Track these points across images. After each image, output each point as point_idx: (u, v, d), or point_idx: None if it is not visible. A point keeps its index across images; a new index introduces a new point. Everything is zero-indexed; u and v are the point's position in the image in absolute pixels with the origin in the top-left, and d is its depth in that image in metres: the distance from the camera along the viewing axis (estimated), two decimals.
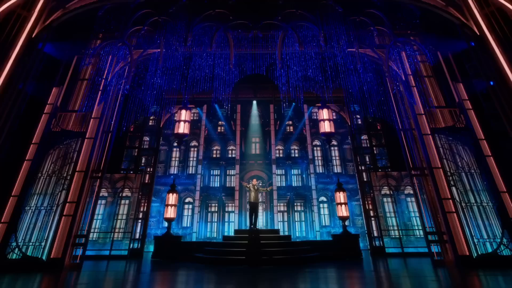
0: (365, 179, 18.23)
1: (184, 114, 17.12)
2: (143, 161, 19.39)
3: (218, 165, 21.73)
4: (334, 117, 17.88)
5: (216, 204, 20.82)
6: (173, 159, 22.13)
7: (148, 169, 18.51)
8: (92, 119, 15.05)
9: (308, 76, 15.51)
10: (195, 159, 22.02)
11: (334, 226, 20.00)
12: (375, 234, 17.74)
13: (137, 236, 17.64)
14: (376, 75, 15.27)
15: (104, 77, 14.61)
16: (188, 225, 20.25)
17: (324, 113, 17.02)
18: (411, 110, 15.28)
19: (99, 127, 15.18)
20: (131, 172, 18.33)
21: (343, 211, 16.54)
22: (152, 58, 15.43)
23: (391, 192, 18.35)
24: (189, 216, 20.54)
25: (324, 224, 20.25)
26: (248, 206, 15.73)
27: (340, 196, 16.79)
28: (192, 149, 22.43)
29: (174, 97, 17.11)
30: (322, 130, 16.82)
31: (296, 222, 20.56)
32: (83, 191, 14.84)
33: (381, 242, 17.44)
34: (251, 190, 15.59)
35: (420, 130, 15.09)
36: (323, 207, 20.74)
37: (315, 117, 22.77)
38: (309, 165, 20.99)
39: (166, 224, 20.32)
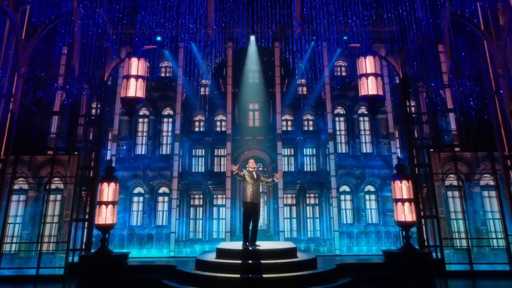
0: (419, 163, 12.11)
1: (135, 66, 10.82)
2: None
3: (203, 143, 15.96)
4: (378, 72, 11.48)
5: (201, 196, 15.47)
6: (139, 134, 16.14)
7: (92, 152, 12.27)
8: None
9: None
10: (170, 133, 16.09)
11: (358, 225, 14.96)
12: (431, 243, 12.14)
13: (78, 245, 12.12)
14: None
15: None
16: (164, 223, 15.09)
17: (368, 64, 10.89)
18: None
19: None
20: (62, 152, 12.19)
21: (405, 213, 10.41)
22: None
23: (460, 183, 12.32)
24: (165, 212, 15.29)
25: (345, 222, 15.13)
26: (242, 209, 9.80)
27: (402, 188, 10.61)
28: (165, 119, 16.40)
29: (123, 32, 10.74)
30: (363, 92, 10.90)
31: (308, 219, 15.37)
32: None
33: (439, 255, 11.91)
34: (247, 181, 9.58)
35: None
36: (345, 200, 15.48)
37: (339, 74, 16.57)
38: (329, 143, 15.33)
39: (136, 222, 15.12)
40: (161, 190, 15.52)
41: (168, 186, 15.25)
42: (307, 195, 15.48)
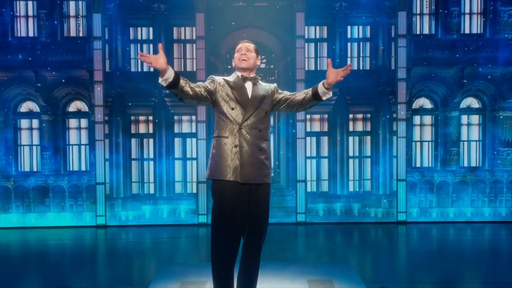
0: None
1: None
2: None
3: (149, 15, 9.16)
4: None
5: (150, 118, 9.48)
6: None
7: None
8: None
9: None
10: None
11: (444, 170, 9.11)
12: None
13: None
14: None
15: None
16: (83, 168, 9.27)
17: None
18: None
19: None
20: None
21: None
22: None
23: None
24: (83, 147, 9.36)
25: (419, 165, 9.34)
26: (212, 200, 2.52)
27: None
28: None
29: None
30: None
31: (351, 160, 9.64)
32: None
33: None
34: (226, 113, 2.60)
35: None
36: (422, 125, 9.48)
37: None
38: (398, 14, 9.12)
39: (30, 166, 9.18)
40: (73, 107, 9.20)
41: (86, 98, 9.03)
42: (351, 116, 9.62)
